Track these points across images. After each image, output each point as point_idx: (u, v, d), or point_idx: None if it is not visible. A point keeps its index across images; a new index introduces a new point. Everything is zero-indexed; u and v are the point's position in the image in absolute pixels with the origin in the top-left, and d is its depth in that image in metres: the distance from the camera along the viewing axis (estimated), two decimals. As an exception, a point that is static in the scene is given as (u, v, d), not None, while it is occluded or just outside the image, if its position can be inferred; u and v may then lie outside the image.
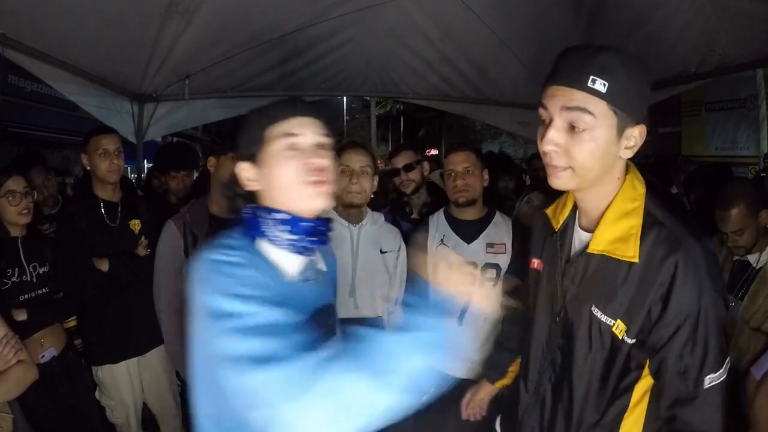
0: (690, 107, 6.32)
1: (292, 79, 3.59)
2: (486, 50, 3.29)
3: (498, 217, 2.07)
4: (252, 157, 0.94)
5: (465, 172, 1.98)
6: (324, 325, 1.01)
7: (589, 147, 0.89)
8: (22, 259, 1.91)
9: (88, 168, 2.17)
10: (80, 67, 2.63)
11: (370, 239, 1.93)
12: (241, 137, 0.97)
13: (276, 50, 3.16)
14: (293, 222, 0.92)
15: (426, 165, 2.54)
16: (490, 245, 2.00)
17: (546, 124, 0.93)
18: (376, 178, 1.93)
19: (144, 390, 2.32)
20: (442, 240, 2.04)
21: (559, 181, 0.95)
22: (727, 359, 0.94)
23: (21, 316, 1.81)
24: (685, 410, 0.93)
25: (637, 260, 0.94)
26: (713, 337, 0.91)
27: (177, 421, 2.39)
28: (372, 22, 3.07)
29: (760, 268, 1.74)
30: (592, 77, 0.86)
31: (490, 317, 0.94)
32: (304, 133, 0.94)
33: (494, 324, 2.03)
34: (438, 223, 2.09)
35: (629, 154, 0.94)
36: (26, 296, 1.88)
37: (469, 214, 2.04)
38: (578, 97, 0.88)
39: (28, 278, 1.90)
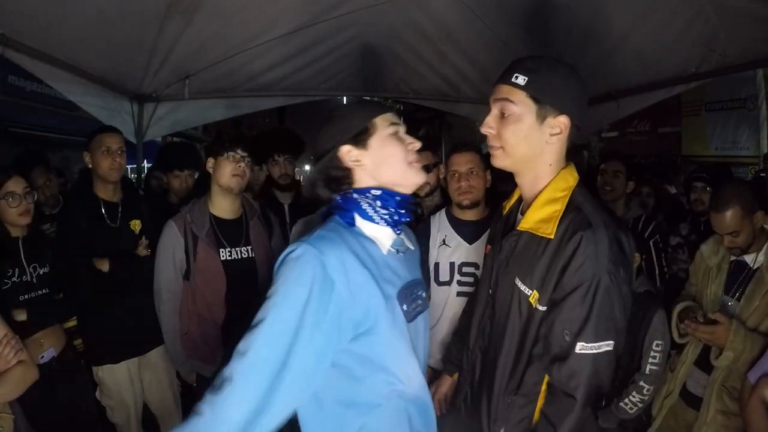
0: (690, 107, 6.31)
1: (292, 79, 3.59)
2: (486, 50, 3.29)
3: None
4: (358, 141, 1.09)
5: (469, 173, 1.97)
6: (414, 297, 1.12)
7: (512, 128, 1.11)
8: (23, 259, 1.90)
9: (90, 166, 2.18)
10: (80, 68, 2.63)
11: None
12: (338, 126, 1.10)
13: (276, 50, 3.16)
14: (387, 196, 1.08)
15: (442, 168, 2.45)
16: None
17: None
18: None
19: (144, 390, 2.32)
20: (444, 240, 2.04)
21: (495, 159, 1.16)
22: (609, 342, 1.02)
23: (21, 316, 1.81)
24: (556, 366, 1.05)
25: (552, 236, 1.08)
26: (597, 311, 1.01)
27: (177, 421, 2.39)
28: (372, 22, 3.07)
29: (757, 268, 1.73)
30: (515, 74, 1.10)
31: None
32: (401, 123, 1.14)
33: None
34: (440, 223, 2.08)
35: (555, 141, 1.11)
36: (26, 296, 1.87)
37: (472, 215, 2.03)
38: (505, 90, 1.12)
39: (29, 279, 1.90)
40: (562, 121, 1.10)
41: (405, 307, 1.07)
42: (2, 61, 2.11)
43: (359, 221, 1.09)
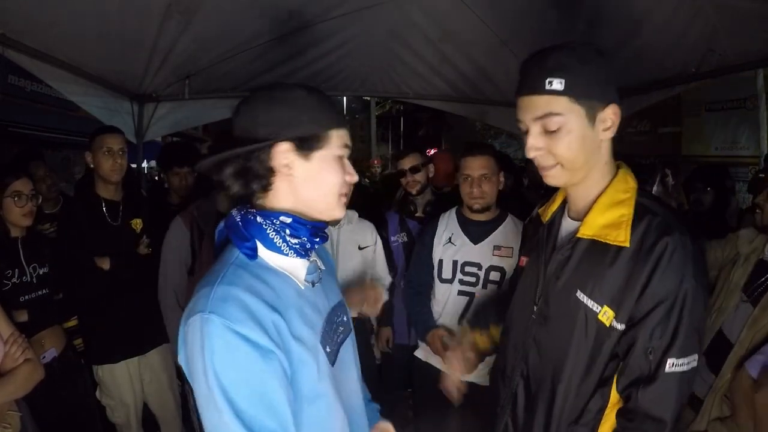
0: (690, 107, 6.30)
1: (292, 79, 3.58)
2: (486, 50, 3.28)
3: (509, 220, 2.06)
4: (303, 147, 0.87)
5: (481, 179, 1.95)
6: (336, 327, 0.97)
7: (566, 141, 0.97)
8: (22, 259, 1.90)
9: (92, 166, 2.19)
10: (80, 67, 2.63)
11: (349, 238, 2.04)
12: (288, 115, 0.86)
13: (276, 50, 3.16)
14: (297, 225, 0.88)
15: (431, 167, 2.62)
16: (497, 248, 2.00)
17: (525, 134, 1.01)
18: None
19: (144, 390, 2.32)
20: (449, 239, 2.06)
21: (552, 179, 1.02)
22: (695, 355, 0.94)
23: (22, 317, 1.81)
24: (641, 390, 0.95)
25: (627, 245, 0.96)
26: (685, 325, 0.93)
27: (177, 421, 2.39)
28: (372, 22, 3.07)
29: None
30: (548, 80, 0.94)
31: None
32: (350, 147, 0.94)
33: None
34: (448, 221, 2.10)
35: (608, 135, 1.00)
36: (26, 297, 1.88)
37: (481, 216, 2.04)
38: (542, 102, 0.96)
39: (28, 279, 1.90)
40: (612, 112, 0.98)
41: (328, 348, 0.91)
42: (2, 61, 2.11)
43: (263, 252, 0.88)
